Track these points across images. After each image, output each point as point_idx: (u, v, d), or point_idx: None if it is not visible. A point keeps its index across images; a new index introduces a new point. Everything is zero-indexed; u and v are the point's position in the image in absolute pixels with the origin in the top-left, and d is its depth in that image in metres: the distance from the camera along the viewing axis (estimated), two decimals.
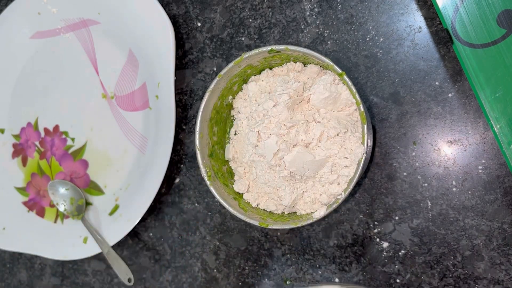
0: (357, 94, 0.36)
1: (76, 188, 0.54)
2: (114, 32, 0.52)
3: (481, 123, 0.40)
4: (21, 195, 0.59)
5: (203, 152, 0.40)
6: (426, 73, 0.41)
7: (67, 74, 0.56)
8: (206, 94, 0.40)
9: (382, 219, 0.43)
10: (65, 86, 0.56)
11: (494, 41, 0.35)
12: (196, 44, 0.50)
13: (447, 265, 0.41)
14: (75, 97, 0.55)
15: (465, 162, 0.40)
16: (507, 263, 0.39)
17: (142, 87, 0.51)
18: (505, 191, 0.39)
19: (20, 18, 0.56)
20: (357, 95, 0.36)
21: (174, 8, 0.51)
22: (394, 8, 0.42)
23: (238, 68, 0.40)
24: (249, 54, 0.38)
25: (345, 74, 0.36)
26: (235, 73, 0.40)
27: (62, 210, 0.53)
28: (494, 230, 0.39)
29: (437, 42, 0.41)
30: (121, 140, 0.53)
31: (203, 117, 0.41)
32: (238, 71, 0.40)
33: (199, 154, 0.40)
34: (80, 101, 0.55)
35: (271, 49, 0.37)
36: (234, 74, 0.40)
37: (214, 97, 0.41)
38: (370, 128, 0.38)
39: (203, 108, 0.40)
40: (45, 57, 0.57)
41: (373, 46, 0.43)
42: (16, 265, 0.61)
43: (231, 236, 0.49)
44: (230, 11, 0.48)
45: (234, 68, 0.39)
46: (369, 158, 0.41)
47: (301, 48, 0.37)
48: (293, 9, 0.46)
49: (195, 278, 0.51)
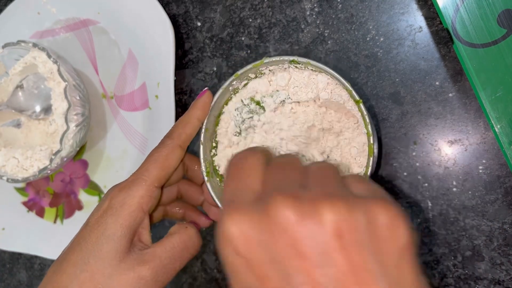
0: (370, 126, 0.35)
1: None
2: (114, 32, 0.52)
3: (481, 123, 0.39)
4: (21, 195, 0.59)
5: (206, 147, 0.40)
6: (426, 73, 0.41)
7: None
8: (219, 90, 0.39)
9: None
10: None
11: (494, 41, 0.35)
12: (196, 44, 0.50)
13: (448, 265, 0.41)
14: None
15: (465, 162, 0.40)
16: (508, 263, 0.39)
17: (142, 87, 0.51)
18: (505, 191, 0.39)
19: (20, 18, 0.56)
20: (369, 126, 0.35)
21: (174, 8, 0.51)
22: (395, 7, 0.42)
23: (254, 70, 0.39)
24: (270, 60, 0.37)
25: (362, 102, 0.35)
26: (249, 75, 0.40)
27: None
28: (494, 230, 0.39)
29: (438, 42, 0.41)
30: (121, 140, 0.53)
31: (212, 112, 0.39)
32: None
33: (202, 149, 0.39)
34: None
35: (293, 60, 0.37)
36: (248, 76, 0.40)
37: (225, 95, 0.40)
38: (376, 157, 0.37)
39: (215, 103, 0.39)
40: None
41: (374, 45, 0.43)
42: (16, 265, 0.61)
43: None
44: (230, 10, 0.48)
45: (251, 70, 0.38)
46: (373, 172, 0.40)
47: (323, 66, 0.36)
48: (293, 8, 0.46)
49: (195, 278, 0.51)
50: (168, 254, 0.34)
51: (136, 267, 0.32)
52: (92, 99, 0.54)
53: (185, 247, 0.35)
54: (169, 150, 0.36)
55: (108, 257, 0.32)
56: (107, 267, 0.32)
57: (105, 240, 0.32)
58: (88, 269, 0.32)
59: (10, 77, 0.50)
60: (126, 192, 0.34)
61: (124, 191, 0.34)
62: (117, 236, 0.32)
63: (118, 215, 0.33)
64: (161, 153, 0.36)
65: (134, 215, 0.33)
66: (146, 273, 0.32)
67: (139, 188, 0.34)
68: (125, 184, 0.35)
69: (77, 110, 0.47)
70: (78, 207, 0.55)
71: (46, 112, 0.50)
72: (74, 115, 0.47)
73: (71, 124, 0.47)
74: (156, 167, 0.35)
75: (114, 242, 0.32)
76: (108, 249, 0.32)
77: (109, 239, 0.32)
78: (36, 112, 0.50)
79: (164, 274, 0.33)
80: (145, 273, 0.32)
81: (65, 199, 0.56)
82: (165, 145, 0.36)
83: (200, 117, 0.38)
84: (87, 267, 0.32)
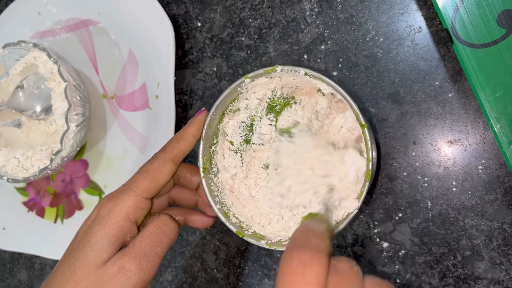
0: (371, 152, 0.35)
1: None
2: (114, 32, 0.52)
3: (481, 123, 0.40)
4: (21, 195, 0.59)
5: (206, 144, 0.40)
6: (426, 73, 0.41)
7: None
8: (228, 89, 0.38)
9: (382, 219, 0.43)
10: None
11: (494, 41, 0.35)
12: (196, 44, 0.50)
13: (447, 265, 0.41)
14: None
15: (465, 162, 0.40)
16: (507, 263, 0.39)
17: (142, 87, 0.51)
18: (505, 191, 0.39)
19: (20, 18, 0.56)
20: (370, 153, 0.35)
21: (174, 8, 0.51)
22: (394, 8, 0.42)
23: (265, 75, 0.38)
24: (282, 68, 0.37)
25: (367, 127, 0.35)
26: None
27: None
28: (494, 230, 0.39)
29: (437, 42, 0.41)
30: (121, 140, 0.53)
31: (217, 109, 0.39)
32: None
33: (202, 145, 0.39)
34: None
35: (306, 72, 0.36)
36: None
37: (232, 95, 0.40)
38: (371, 182, 0.37)
39: (222, 99, 0.38)
40: None
41: (373, 46, 0.43)
42: (16, 265, 0.61)
43: (231, 236, 0.49)
44: (230, 11, 0.48)
45: (262, 74, 0.38)
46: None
47: (335, 84, 0.36)
48: (293, 9, 0.46)
49: (195, 278, 0.51)
50: (147, 241, 0.34)
51: (118, 261, 0.32)
52: (92, 99, 0.54)
53: (161, 232, 0.35)
54: (160, 163, 0.36)
55: (93, 264, 0.32)
56: (92, 272, 0.32)
57: (90, 249, 0.33)
58: (74, 277, 0.32)
59: (11, 77, 0.50)
60: (114, 201, 0.34)
61: (112, 200, 0.34)
62: (103, 244, 0.33)
63: (104, 223, 0.33)
64: (152, 165, 0.36)
65: (120, 224, 0.33)
66: (129, 263, 0.32)
67: (127, 198, 0.34)
68: (114, 194, 0.35)
69: (77, 110, 0.47)
70: (78, 207, 0.56)
71: (46, 112, 0.50)
72: (74, 115, 0.47)
73: (71, 124, 0.47)
74: (146, 179, 0.35)
75: (99, 250, 0.32)
76: (92, 256, 0.32)
77: (94, 247, 0.33)
78: (36, 112, 0.50)
79: (148, 261, 0.33)
80: (128, 264, 0.32)
81: (65, 199, 0.56)
82: (157, 158, 0.37)
83: (194, 134, 0.38)
84: (73, 275, 0.32)
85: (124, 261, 0.32)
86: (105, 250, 0.33)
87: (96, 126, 0.54)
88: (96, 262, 0.32)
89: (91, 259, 0.32)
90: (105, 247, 0.33)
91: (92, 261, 0.32)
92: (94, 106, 0.54)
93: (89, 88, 0.54)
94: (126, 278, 0.32)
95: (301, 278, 0.23)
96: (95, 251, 0.32)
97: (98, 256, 0.32)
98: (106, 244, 0.33)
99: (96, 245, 0.33)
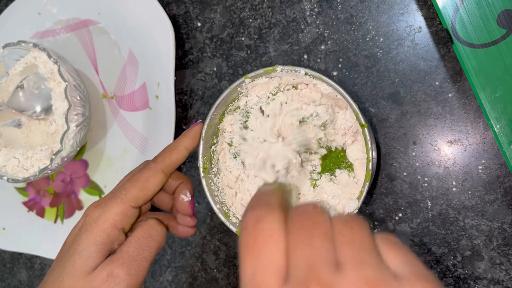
0: (371, 152, 0.35)
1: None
2: (114, 32, 0.52)
3: (481, 123, 0.40)
4: (21, 195, 0.59)
5: (206, 143, 0.40)
6: (426, 73, 0.41)
7: None
8: (228, 89, 0.38)
9: (382, 219, 0.43)
10: None
11: (494, 41, 0.35)
12: (196, 44, 0.50)
13: (447, 265, 0.41)
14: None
15: (465, 162, 0.40)
16: (507, 263, 0.39)
17: (142, 87, 0.51)
18: (505, 191, 0.39)
19: (20, 18, 0.56)
20: (370, 153, 0.35)
21: (174, 8, 0.51)
22: (394, 8, 0.42)
23: (265, 75, 0.39)
24: (282, 68, 0.37)
25: (367, 127, 0.35)
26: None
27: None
28: (494, 230, 0.39)
29: (437, 42, 0.41)
30: (121, 140, 0.53)
31: (217, 109, 0.39)
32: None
33: (202, 145, 0.39)
34: None
35: (306, 72, 0.36)
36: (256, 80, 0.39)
37: (232, 94, 0.40)
38: (370, 183, 0.37)
39: (222, 99, 0.39)
40: None
41: (373, 46, 0.43)
42: (16, 265, 0.61)
43: (231, 236, 0.49)
44: (230, 11, 0.48)
45: (262, 74, 0.38)
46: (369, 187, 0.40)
47: (335, 84, 0.36)
48: (293, 9, 0.46)
49: (195, 278, 0.51)
50: (134, 246, 0.34)
51: (106, 267, 0.32)
52: (92, 99, 0.54)
53: (149, 236, 0.35)
54: (151, 173, 0.36)
55: (81, 272, 0.32)
56: (80, 280, 0.32)
57: (78, 256, 0.33)
58: (63, 286, 0.32)
59: (11, 77, 0.50)
60: (101, 208, 0.34)
61: (100, 207, 0.34)
62: (90, 252, 0.33)
63: (91, 231, 0.33)
64: (142, 175, 0.36)
65: (107, 232, 0.33)
66: (118, 269, 0.32)
67: (114, 205, 0.34)
68: (101, 201, 0.35)
69: (77, 110, 0.47)
70: (78, 207, 0.56)
71: (46, 112, 0.50)
72: (74, 115, 0.47)
73: (71, 124, 0.47)
74: (135, 187, 0.35)
75: (87, 258, 0.32)
76: (80, 264, 0.32)
77: (81, 255, 0.33)
78: (36, 112, 0.50)
79: (136, 266, 0.33)
80: (117, 270, 0.32)
81: (65, 199, 0.56)
82: (148, 167, 0.37)
83: (188, 146, 0.38)
84: (62, 284, 0.32)
85: (112, 267, 0.32)
86: (92, 257, 0.32)
87: (96, 126, 0.54)
88: (84, 269, 0.32)
89: (79, 267, 0.32)
90: (93, 255, 0.32)
91: (80, 268, 0.32)
92: (94, 106, 0.54)
93: (89, 88, 0.54)
94: (115, 284, 0.32)
95: (257, 230, 0.23)
96: (82, 258, 0.32)
97: (86, 263, 0.32)
98: (93, 251, 0.33)
99: (83, 253, 0.32)
